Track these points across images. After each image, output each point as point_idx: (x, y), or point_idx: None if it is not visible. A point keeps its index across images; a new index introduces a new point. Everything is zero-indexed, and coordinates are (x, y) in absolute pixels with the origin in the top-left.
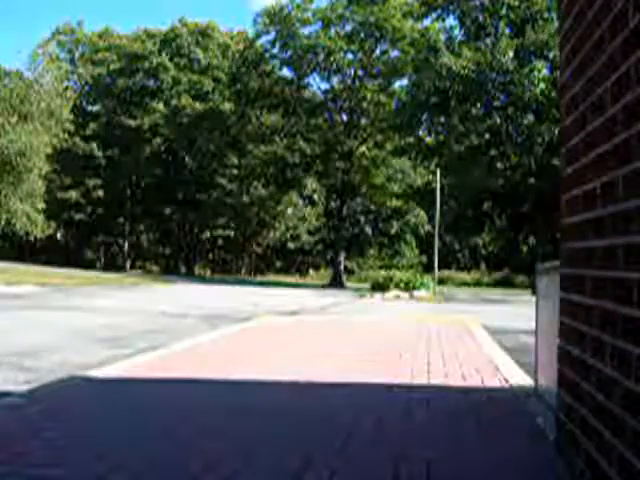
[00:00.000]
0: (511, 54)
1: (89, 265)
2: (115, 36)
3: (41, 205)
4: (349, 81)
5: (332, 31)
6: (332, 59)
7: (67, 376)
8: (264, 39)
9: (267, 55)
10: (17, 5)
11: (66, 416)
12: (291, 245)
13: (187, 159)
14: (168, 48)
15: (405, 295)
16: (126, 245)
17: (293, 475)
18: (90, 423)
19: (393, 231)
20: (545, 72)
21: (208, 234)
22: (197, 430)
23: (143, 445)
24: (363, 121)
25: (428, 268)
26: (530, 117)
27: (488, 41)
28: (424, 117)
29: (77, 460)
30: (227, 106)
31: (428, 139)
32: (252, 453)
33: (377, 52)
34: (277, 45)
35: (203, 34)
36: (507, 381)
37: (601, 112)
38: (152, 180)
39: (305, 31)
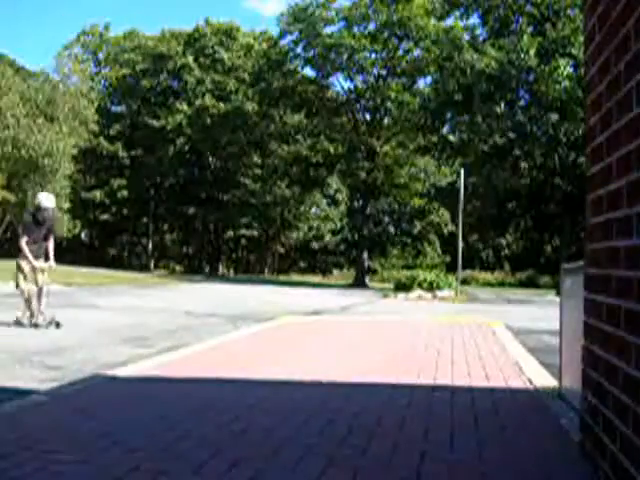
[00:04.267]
0: (533, 51)
1: (113, 265)
2: (141, 37)
3: (67, 205)
4: (372, 80)
5: (355, 30)
6: (355, 58)
7: (92, 374)
8: (287, 39)
9: (290, 54)
10: (44, 7)
11: (90, 414)
12: (314, 245)
13: (211, 159)
14: (192, 48)
15: (428, 295)
16: (150, 245)
17: (317, 474)
18: (114, 421)
19: (416, 231)
20: (569, 70)
21: (231, 234)
22: (220, 429)
23: (166, 443)
24: (386, 120)
25: (451, 268)
26: (554, 116)
27: (513, 38)
28: (448, 116)
29: (101, 458)
30: (250, 106)
31: (452, 138)
32: (278, 452)
33: (400, 51)
34: (300, 44)
35: (227, 34)
36: (531, 382)
37: (626, 111)
38: (176, 180)
39: (328, 30)
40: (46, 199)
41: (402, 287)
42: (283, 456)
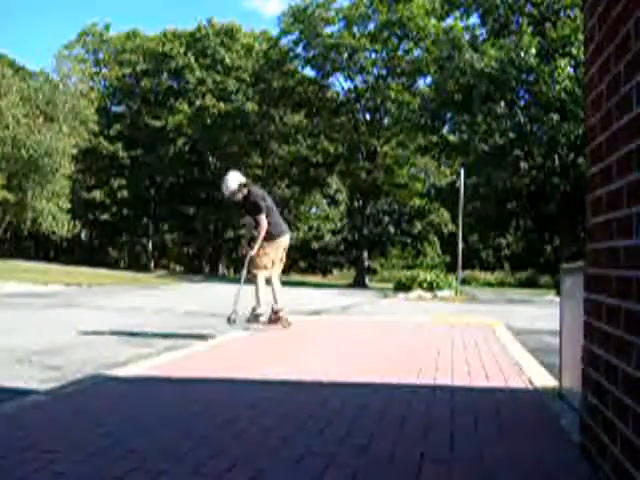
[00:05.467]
0: (533, 51)
1: (113, 265)
2: (142, 37)
3: (66, 205)
4: (372, 80)
5: (355, 30)
6: (355, 58)
7: (92, 374)
8: (288, 39)
9: (290, 54)
10: (44, 7)
11: (90, 414)
12: (314, 245)
13: (211, 159)
14: (193, 49)
15: (428, 295)
16: (150, 245)
17: (317, 473)
18: (114, 421)
19: (416, 231)
20: (569, 70)
21: (231, 234)
22: (220, 429)
23: (166, 443)
24: (386, 120)
25: (451, 268)
26: (554, 116)
27: (513, 38)
28: (448, 116)
29: (101, 458)
30: (251, 106)
31: (452, 138)
32: (278, 452)
33: (400, 51)
34: (300, 44)
35: (228, 35)
36: (531, 382)
37: (626, 111)
38: (176, 180)
39: (328, 30)
40: (224, 183)
41: (402, 287)
42: (283, 456)
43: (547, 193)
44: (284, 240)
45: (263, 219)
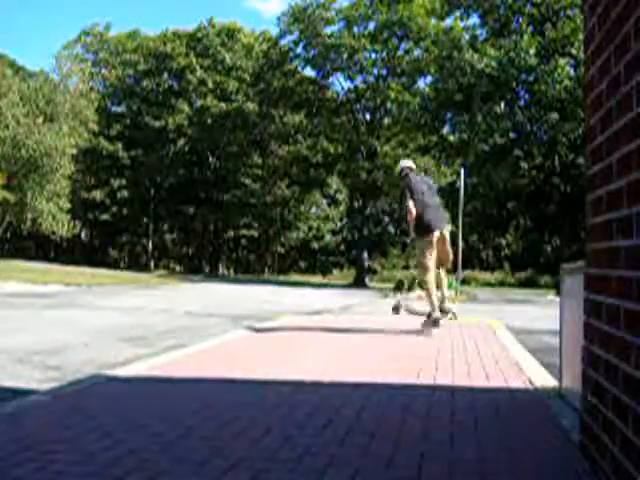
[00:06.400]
0: (533, 51)
1: (113, 265)
2: (143, 37)
3: (66, 205)
4: (372, 80)
5: (355, 30)
6: (356, 58)
7: (92, 374)
8: (287, 39)
9: (290, 54)
10: (44, 7)
11: (90, 414)
12: (314, 245)
13: (211, 159)
14: (194, 49)
15: None
16: (150, 245)
17: (317, 473)
18: (114, 421)
19: None
20: (568, 69)
21: (231, 234)
22: (220, 429)
23: (166, 443)
24: (386, 120)
25: (451, 268)
26: (554, 116)
27: (514, 37)
28: (448, 116)
29: (101, 458)
30: (251, 106)
31: (452, 138)
32: (277, 452)
33: (400, 51)
34: (300, 45)
35: (229, 35)
36: (531, 382)
37: (626, 111)
38: (176, 180)
39: (328, 30)
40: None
41: (402, 287)
42: (283, 456)
43: (547, 193)
44: (435, 235)
45: (409, 206)
